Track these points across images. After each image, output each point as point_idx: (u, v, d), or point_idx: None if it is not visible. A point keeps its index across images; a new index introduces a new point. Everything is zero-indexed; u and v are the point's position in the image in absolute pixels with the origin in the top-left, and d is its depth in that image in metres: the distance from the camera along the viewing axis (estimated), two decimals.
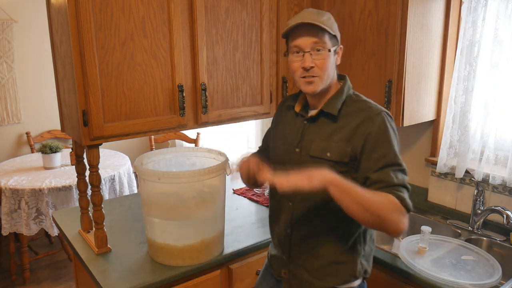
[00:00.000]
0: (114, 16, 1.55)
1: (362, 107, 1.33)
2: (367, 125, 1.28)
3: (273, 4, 1.99)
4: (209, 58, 1.83)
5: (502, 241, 1.83)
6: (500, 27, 1.79)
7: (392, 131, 1.30)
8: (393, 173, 1.25)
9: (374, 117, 1.29)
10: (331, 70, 1.34)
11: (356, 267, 1.37)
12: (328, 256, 1.37)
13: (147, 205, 1.66)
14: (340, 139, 1.31)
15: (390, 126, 1.29)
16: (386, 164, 1.25)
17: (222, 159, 1.74)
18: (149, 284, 1.55)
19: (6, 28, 3.72)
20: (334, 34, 1.32)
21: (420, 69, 1.92)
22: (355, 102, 1.36)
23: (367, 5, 1.92)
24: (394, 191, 1.22)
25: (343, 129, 1.31)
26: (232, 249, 1.77)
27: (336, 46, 1.34)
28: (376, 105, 1.34)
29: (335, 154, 1.30)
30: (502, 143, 1.92)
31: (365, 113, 1.31)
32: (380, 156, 1.26)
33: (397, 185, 1.23)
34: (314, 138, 1.36)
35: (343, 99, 1.36)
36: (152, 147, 4.20)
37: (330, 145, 1.32)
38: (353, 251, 1.37)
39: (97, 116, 1.57)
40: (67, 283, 3.24)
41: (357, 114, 1.32)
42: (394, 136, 1.30)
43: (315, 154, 1.34)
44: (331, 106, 1.35)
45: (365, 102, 1.36)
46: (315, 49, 1.30)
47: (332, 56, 1.32)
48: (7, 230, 2.95)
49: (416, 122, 1.97)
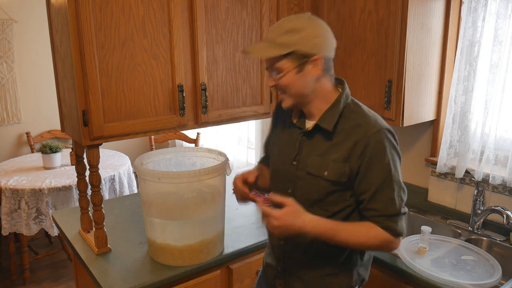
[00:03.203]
0: (114, 16, 1.55)
1: (360, 122, 1.25)
2: (364, 144, 1.22)
3: (273, 4, 1.99)
4: (209, 58, 1.83)
5: (502, 241, 1.83)
6: (500, 27, 1.79)
7: (392, 149, 1.24)
8: (387, 200, 1.23)
9: (372, 136, 1.22)
10: (299, 87, 1.25)
11: (352, 277, 1.35)
12: (323, 268, 1.35)
13: (147, 205, 1.66)
14: (337, 158, 1.25)
15: (389, 145, 1.23)
16: (380, 189, 1.23)
17: (222, 159, 1.74)
18: (149, 284, 1.55)
19: (6, 28, 3.72)
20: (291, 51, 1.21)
21: (420, 69, 1.92)
22: (352, 113, 1.28)
23: (367, 5, 1.92)
24: (384, 221, 1.23)
25: (340, 146, 1.26)
26: (232, 249, 1.77)
27: (302, 61, 1.22)
28: (375, 120, 1.26)
29: (332, 173, 1.26)
30: (502, 143, 1.92)
31: (362, 130, 1.23)
32: (374, 179, 1.23)
33: (388, 216, 1.23)
34: (310, 153, 1.31)
35: (340, 110, 1.28)
36: (152, 147, 4.20)
37: (327, 163, 1.27)
38: (349, 262, 1.34)
39: (97, 116, 1.57)
40: (67, 283, 3.24)
41: (354, 131, 1.25)
42: (394, 155, 1.25)
43: (312, 171, 1.30)
44: (326, 121, 1.28)
45: (364, 114, 1.27)
46: (274, 70, 1.25)
47: (295, 74, 1.23)
48: (7, 230, 2.95)
49: (416, 122, 1.97)
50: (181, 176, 1.56)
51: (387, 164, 1.22)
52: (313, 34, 1.22)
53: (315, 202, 1.30)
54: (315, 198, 1.30)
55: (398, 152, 1.27)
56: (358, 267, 1.36)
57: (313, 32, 1.22)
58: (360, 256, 1.36)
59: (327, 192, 1.28)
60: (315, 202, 1.30)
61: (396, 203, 1.23)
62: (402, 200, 1.25)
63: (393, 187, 1.23)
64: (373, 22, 1.91)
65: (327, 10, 2.11)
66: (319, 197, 1.29)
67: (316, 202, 1.30)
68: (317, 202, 1.30)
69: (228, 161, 1.68)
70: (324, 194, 1.28)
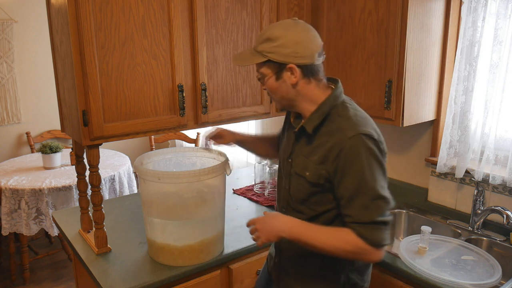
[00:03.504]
0: (114, 16, 1.55)
1: (340, 126, 1.25)
2: (338, 149, 1.23)
3: (273, 4, 1.99)
4: (209, 58, 1.83)
5: (502, 241, 1.83)
6: (500, 27, 1.79)
7: (369, 156, 1.21)
8: (360, 207, 1.21)
9: (347, 141, 1.21)
10: (281, 92, 1.31)
11: (340, 280, 1.36)
12: (313, 267, 1.38)
13: (147, 205, 1.66)
14: (316, 160, 1.28)
15: (365, 151, 1.20)
16: (354, 195, 1.21)
17: (222, 159, 1.74)
18: (149, 284, 1.55)
19: (6, 28, 3.72)
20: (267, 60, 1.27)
21: (420, 69, 1.92)
22: (338, 116, 1.29)
23: (367, 5, 1.92)
24: (358, 228, 1.21)
25: (320, 149, 1.28)
26: (232, 249, 1.77)
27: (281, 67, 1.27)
28: (356, 124, 1.24)
29: (311, 175, 1.29)
30: (502, 143, 1.92)
31: (340, 134, 1.24)
32: (348, 185, 1.22)
33: (362, 223, 1.21)
34: (299, 153, 1.36)
35: (324, 113, 1.29)
36: (152, 147, 4.20)
37: (308, 164, 1.30)
38: (338, 266, 1.35)
39: (97, 116, 1.57)
40: (67, 283, 3.24)
41: (333, 135, 1.25)
42: (371, 162, 1.21)
43: (298, 171, 1.34)
44: (309, 123, 1.31)
45: (347, 118, 1.27)
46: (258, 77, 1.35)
47: (275, 81, 1.30)
48: (7, 230, 2.95)
49: (416, 122, 1.97)
50: (181, 176, 1.56)
51: (361, 170, 1.20)
52: (287, 43, 1.25)
53: (302, 200, 1.35)
54: (301, 197, 1.35)
55: (378, 158, 1.23)
56: (348, 271, 1.36)
57: (288, 41, 1.25)
58: (351, 260, 1.35)
59: (309, 192, 1.32)
60: (302, 200, 1.35)
61: (371, 211, 1.20)
62: (380, 208, 1.21)
63: (367, 194, 1.20)
64: (373, 22, 1.91)
65: (327, 10, 2.11)
66: (304, 196, 1.34)
67: (303, 200, 1.34)
68: (304, 201, 1.34)
69: (228, 161, 1.68)
70: (307, 194, 1.33)
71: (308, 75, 1.29)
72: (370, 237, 1.20)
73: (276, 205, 1.58)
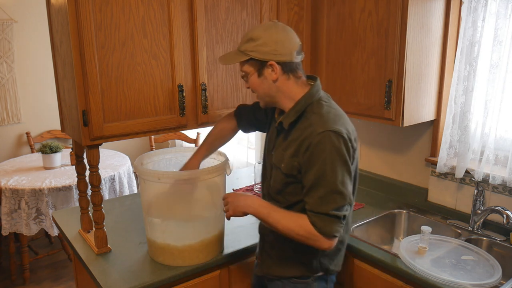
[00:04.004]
0: (114, 16, 1.55)
1: (313, 122, 1.36)
2: (308, 143, 1.33)
3: (273, 4, 1.99)
4: (209, 58, 1.83)
5: (502, 241, 1.83)
6: (500, 27, 1.79)
7: (334, 152, 1.30)
8: (317, 198, 1.32)
9: (315, 136, 1.32)
10: (263, 89, 1.43)
11: (312, 265, 1.48)
12: (289, 251, 1.49)
13: (147, 205, 1.66)
14: (290, 153, 1.40)
15: (330, 147, 1.30)
16: (313, 185, 1.33)
17: (222, 159, 1.74)
18: (149, 284, 1.55)
19: (6, 28, 3.72)
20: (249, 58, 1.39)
21: (420, 69, 1.92)
22: (313, 114, 1.39)
23: (367, 5, 1.92)
24: (312, 216, 1.33)
25: (294, 143, 1.39)
26: (232, 249, 1.77)
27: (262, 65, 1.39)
28: (326, 122, 1.34)
29: (285, 166, 1.41)
30: (502, 143, 1.92)
31: (311, 129, 1.35)
32: (310, 176, 1.33)
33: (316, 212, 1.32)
34: (278, 146, 1.48)
35: (299, 110, 1.41)
36: (152, 147, 4.21)
37: (284, 157, 1.42)
38: (311, 251, 1.45)
39: (97, 116, 1.57)
40: (67, 283, 3.24)
41: (305, 130, 1.37)
42: (334, 158, 1.30)
43: (275, 163, 1.47)
44: (286, 119, 1.43)
45: (320, 115, 1.37)
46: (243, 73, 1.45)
47: (257, 78, 1.41)
48: (7, 230, 2.95)
49: (416, 122, 1.97)
50: (181, 176, 1.56)
51: (323, 164, 1.31)
52: (267, 42, 1.37)
53: (279, 191, 1.47)
54: (278, 187, 1.47)
55: (343, 156, 1.32)
56: (320, 257, 1.48)
57: (268, 41, 1.37)
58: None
59: (284, 182, 1.43)
60: (278, 190, 1.47)
61: (327, 203, 1.31)
62: (335, 202, 1.31)
63: (325, 186, 1.31)
64: (373, 22, 1.91)
65: (327, 10, 2.11)
66: (280, 186, 1.46)
67: (279, 191, 1.47)
68: (280, 191, 1.47)
69: (228, 161, 1.68)
70: (282, 185, 1.44)
71: (287, 71, 1.41)
72: (321, 227, 1.32)
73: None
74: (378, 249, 1.76)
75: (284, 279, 1.52)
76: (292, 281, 1.51)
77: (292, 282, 1.51)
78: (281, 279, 1.53)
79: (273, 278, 1.55)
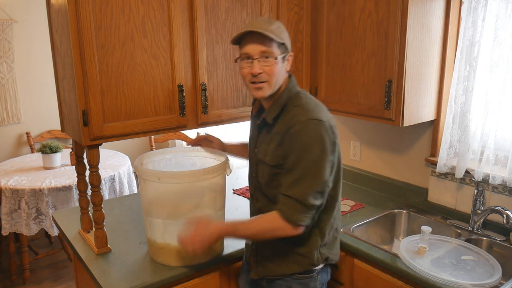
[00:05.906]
0: (114, 16, 1.55)
1: (296, 113, 1.40)
2: (291, 132, 1.37)
3: (273, 4, 1.99)
4: (209, 58, 1.83)
5: (502, 241, 1.83)
6: (500, 27, 1.79)
7: (315, 139, 1.34)
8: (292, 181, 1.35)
9: (298, 124, 1.36)
10: (279, 76, 1.43)
11: (313, 256, 1.49)
12: (287, 247, 1.49)
13: (147, 205, 1.66)
14: (275, 145, 1.43)
15: (313, 134, 1.34)
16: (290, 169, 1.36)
17: (222, 159, 1.74)
18: (149, 284, 1.55)
19: (6, 28, 3.72)
20: (283, 42, 1.40)
21: (420, 69, 1.92)
22: (294, 107, 1.42)
23: (367, 5, 1.92)
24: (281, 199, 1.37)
25: (277, 135, 1.42)
26: (232, 249, 1.77)
27: (285, 54, 1.44)
28: (307, 111, 1.38)
29: (270, 158, 1.44)
30: (502, 143, 1.92)
31: (293, 120, 1.38)
32: (289, 160, 1.37)
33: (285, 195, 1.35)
34: (262, 142, 1.51)
35: (281, 105, 1.44)
36: (152, 147, 4.20)
37: (268, 150, 1.45)
38: (310, 243, 1.48)
39: (97, 116, 1.57)
40: (67, 283, 3.24)
41: (289, 121, 1.40)
42: (314, 145, 1.34)
43: (261, 158, 1.49)
44: (269, 114, 1.46)
45: (301, 107, 1.41)
46: (263, 56, 1.39)
47: (280, 63, 1.42)
48: (7, 230, 2.95)
49: (416, 122, 1.97)
50: (181, 176, 1.56)
51: (302, 150, 1.34)
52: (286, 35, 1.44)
53: (267, 184, 1.48)
54: (264, 181, 1.49)
55: (324, 143, 1.35)
56: (319, 247, 1.50)
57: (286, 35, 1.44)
58: (320, 237, 1.50)
59: (270, 175, 1.46)
60: (266, 184, 1.49)
61: (297, 185, 1.34)
62: (309, 187, 1.34)
63: (300, 170, 1.34)
64: (373, 22, 1.91)
65: (327, 10, 2.11)
66: (267, 180, 1.48)
67: (267, 184, 1.48)
68: (268, 185, 1.48)
69: (228, 161, 1.68)
70: (268, 178, 1.47)
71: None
72: (287, 214, 1.35)
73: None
74: (378, 249, 1.76)
75: (287, 277, 1.51)
76: (295, 277, 1.50)
77: (295, 278, 1.50)
78: (283, 278, 1.51)
79: (274, 278, 1.53)
